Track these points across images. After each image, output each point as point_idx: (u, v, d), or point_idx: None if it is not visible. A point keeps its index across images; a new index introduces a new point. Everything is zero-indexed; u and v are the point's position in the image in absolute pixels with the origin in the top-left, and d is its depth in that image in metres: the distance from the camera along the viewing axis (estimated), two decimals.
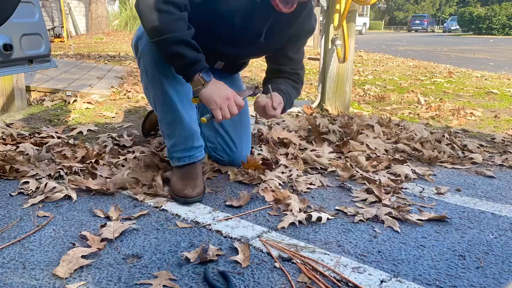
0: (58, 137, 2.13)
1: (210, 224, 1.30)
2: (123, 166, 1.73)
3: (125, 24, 14.27)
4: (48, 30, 10.81)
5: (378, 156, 1.95)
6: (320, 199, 1.52)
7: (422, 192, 1.62)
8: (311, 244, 1.20)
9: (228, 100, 1.32)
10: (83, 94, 3.32)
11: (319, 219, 1.33)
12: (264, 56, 1.71)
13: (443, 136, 2.20)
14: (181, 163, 1.51)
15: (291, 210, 1.37)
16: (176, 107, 1.45)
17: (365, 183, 1.64)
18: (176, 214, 1.37)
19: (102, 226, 1.25)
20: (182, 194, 1.44)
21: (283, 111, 1.54)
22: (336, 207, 1.44)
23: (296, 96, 1.68)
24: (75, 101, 3.12)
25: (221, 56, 1.63)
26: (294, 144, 2.04)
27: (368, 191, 1.56)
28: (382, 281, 1.03)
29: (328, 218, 1.35)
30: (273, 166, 1.74)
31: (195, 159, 1.52)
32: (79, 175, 1.64)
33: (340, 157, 1.96)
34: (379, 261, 1.12)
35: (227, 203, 1.45)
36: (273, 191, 1.50)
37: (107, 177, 1.61)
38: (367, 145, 2.06)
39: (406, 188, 1.64)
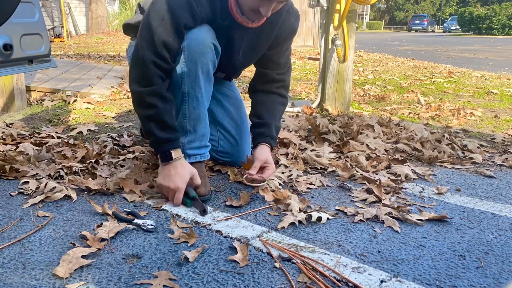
0: (58, 137, 2.13)
1: (210, 224, 1.30)
2: (122, 166, 1.73)
3: None
4: (48, 30, 10.81)
5: (378, 156, 1.95)
6: (320, 199, 1.52)
7: (422, 192, 1.62)
8: (311, 244, 1.20)
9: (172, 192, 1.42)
10: (83, 94, 3.32)
11: (319, 219, 1.33)
12: None
13: (443, 136, 2.20)
14: (192, 160, 1.53)
15: (291, 210, 1.37)
16: (204, 104, 1.50)
17: (365, 183, 1.64)
18: (176, 214, 1.37)
19: (98, 226, 1.25)
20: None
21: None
22: (336, 207, 1.44)
23: (283, 111, 1.75)
24: (75, 101, 3.12)
25: (221, 69, 1.67)
26: (294, 144, 2.05)
27: (368, 191, 1.56)
28: (382, 281, 1.03)
29: (328, 218, 1.35)
30: None
31: (205, 157, 1.56)
32: (79, 175, 1.64)
33: (340, 157, 1.96)
34: (379, 261, 1.12)
35: (227, 203, 1.45)
36: (273, 191, 1.50)
37: (107, 177, 1.61)
38: (367, 145, 2.06)
39: (406, 188, 1.64)
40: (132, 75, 1.42)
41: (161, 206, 1.42)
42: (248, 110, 1.74)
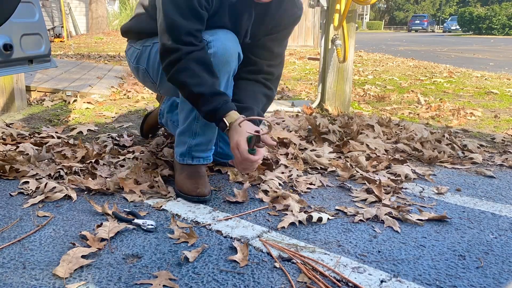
0: (58, 137, 2.13)
1: (210, 224, 1.30)
2: (122, 166, 1.73)
3: None
4: (48, 30, 10.82)
5: (378, 156, 1.95)
6: (320, 199, 1.52)
7: (422, 192, 1.62)
8: (311, 244, 1.20)
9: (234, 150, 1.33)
10: (83, 94, 3.32)
11: (320, 219, 1.33)
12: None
13: (443, 136, 2.20)
14: (195, 162, 1.52)
15: (291, 210, 1.37)
16: None
17: (365, 183, 1.64)
18: (176, 214, 1.37)
19: (98, 226, 1.25)
20: (196, 193, 1.45)
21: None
22: (336, 207, 1.44)
23: (268, 105, 1.64)
24: (75, 101, 3.12)
25: None
26: (294, 144, 2.05)
27: (368, 191, 1.56)
28: (382, 281, 1.03)
29: (328, 218, 1.35)
30: (273, 166, 1.74)
31: (208, 160, 1.57)
32: (79, 175, 1.64)
33: (340, 157, 1.96)
34: (379, 261, 1.12)
35: (228, 200, 1.45)
36: (273, 191, 1.50)
37: (107, 177, 1.61)
38: (367, 145, 2.06)
39: (406, 188, 1.64)
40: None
41: (161, 206, 1.42)
42: None
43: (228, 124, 1.33)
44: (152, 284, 0.99)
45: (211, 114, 1.35)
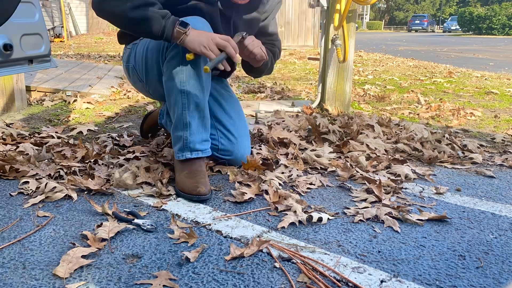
0: (58, 137, 2.13)
1: (210, 224, 1.30)
2: (121, 166, 1.73)
3: None
4: (48, 30, 10.81)
5: (378, 156, 1.95)
6: (320, 199, 1.52)
7: (422, 192, 1.62)
8: (311, 244, 1.20)
9: (214, 40, 1.40)
10: (83, 94, 3.32)
11: (320, 219, 1.33)
12: None
13: (443, 136, 2.20)
14: (194, 155, 1.53)
15: (291, 210, 1.37)
16: (204, 93, 1.52)
17: (365, 183, 1.64)
18: (176, 214, 1.37)
19: (98, 226, 1.25)
20: (196, 192, 1.45)
21: (265, 66, 1.71)
22: (336, 207, 1.44)
23: (274, 59, 1.82)
24: (75, 101, 3.12)
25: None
26: (294, 144, 2.04)
27: (368, 191, 1.56)
28: (382, 281, 1.03)
29: (328, 218, 1.35)
30: (273, 167, 1.74)
31: (207, 153, 1.57)
32: (79, 175, 1.64)
33: (340, 157, 1.96)
34: (379, 261, 1.12)
35: (228, 200, 1.45)
36: (273, 191, 1.50)
37: (106, 177, 1.61)
38: (367, 145, 2.06)
39: (406, 188, 1.64)
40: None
41: (161, 206, 1.42)
42: (245, 110, 1.76)
43: (188, 26, 1.38)
44: (152, 284, 0.99)
45: (163, 29, 1.38)
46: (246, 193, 1.49)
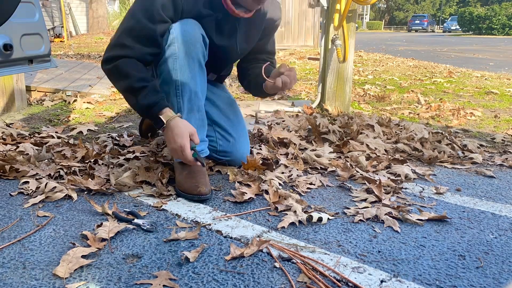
0: (58, 137, 2.13)
1: (210, 224, 1.30)
2: (121, 165, 1.73)
3: None
4: (48, 30, 10.82)
5: (378, 156, 1.94)
6: (320, 199, 1.52)
7: (422, 192, 1.62)
8: (311, 244, 1.20)
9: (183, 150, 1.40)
10: (83, 94, 3.32)
11: (320, 219, 1.33)
12: None
13: (443, 136, 2.20)
14: (193, 156, 1.52)
15: (291, 210, 1.37)
16: (199, 95, 1.53)
17: (365, 183, 1.64)
18: (176, 214, 1.37)
19: (98, 226, 1.25)
20: (196, 192, 1.45)
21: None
22: (336, 207, 1.44)
23: None
24: (75, 101, 3.12)
25: (212, 70, 1.75)
26: (294, 144, 2.05)
27: (368, 191, 1.56)
28: (382, 281, 1.03)
29: (328, 218, 1.35)
30: (273, 166, 1.74)
31: (205, 153, 1.59)
32: (79, 175, 1.64)
33: (340, 157, 1.96)
34: (379, 261, 1.12)
35: (228, 200, 1.45)
36: (273, 191, 1.50)
37: (106, 177, 1.61)
38: (367, 145, 2.06)
39: (406, 188, 1.64)
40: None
41: (161, 206, 1.42)
42: (245, 110, 1.76)
43: (165, 122, 1.40)
44: (152, 284, 0.99)
45: (148, 108, 1.40)
46: (246, 193, 1.49)
